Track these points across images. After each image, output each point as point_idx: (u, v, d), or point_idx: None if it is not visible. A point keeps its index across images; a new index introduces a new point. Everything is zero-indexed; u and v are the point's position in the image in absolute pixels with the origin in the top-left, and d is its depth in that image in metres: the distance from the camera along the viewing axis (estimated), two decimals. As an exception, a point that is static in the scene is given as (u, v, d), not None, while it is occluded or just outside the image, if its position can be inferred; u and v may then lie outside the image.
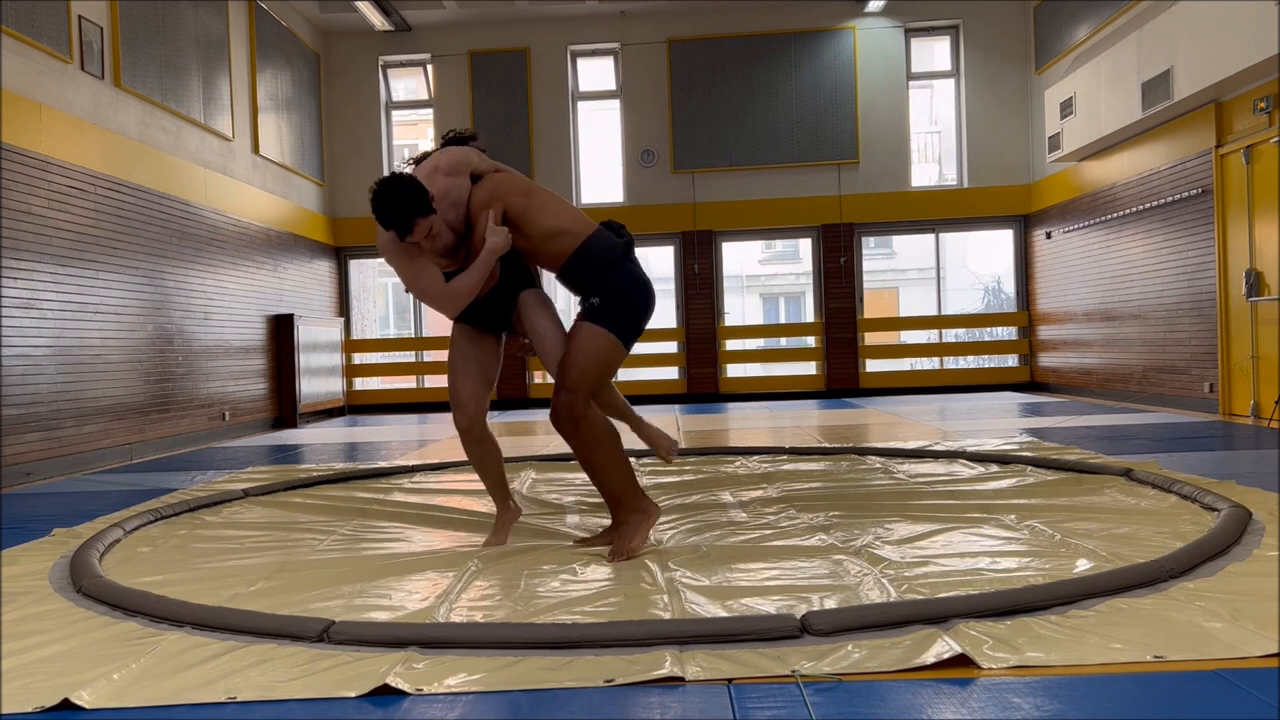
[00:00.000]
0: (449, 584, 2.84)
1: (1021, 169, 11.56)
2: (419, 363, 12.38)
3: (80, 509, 4.57)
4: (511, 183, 3.27)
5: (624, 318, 3.18)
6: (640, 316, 3.24)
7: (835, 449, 5.79)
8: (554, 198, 3.32)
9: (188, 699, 1.97)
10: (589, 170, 12.17)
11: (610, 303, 3.17)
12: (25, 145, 6.14)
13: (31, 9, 6.27)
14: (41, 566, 3.26)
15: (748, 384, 12.04)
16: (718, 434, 7.63)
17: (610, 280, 3.19)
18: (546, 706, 1.88)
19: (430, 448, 7.23)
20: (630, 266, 3.24)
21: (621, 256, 3.22)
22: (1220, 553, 2.82)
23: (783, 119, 11.64)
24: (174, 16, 8.16)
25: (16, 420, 5.98)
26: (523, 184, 3.29)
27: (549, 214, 3.22)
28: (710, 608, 2.50)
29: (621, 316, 3.17)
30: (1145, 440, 5.98)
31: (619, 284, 3.19)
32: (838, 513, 3.75)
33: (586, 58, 12.10)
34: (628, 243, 3.28)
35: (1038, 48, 11.11)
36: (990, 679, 1.94)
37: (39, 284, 6.24)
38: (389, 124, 12.25)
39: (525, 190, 3.25)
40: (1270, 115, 6.86)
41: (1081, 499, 3.90)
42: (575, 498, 4.39)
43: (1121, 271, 9.24)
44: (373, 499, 4.59)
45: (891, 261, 17.03)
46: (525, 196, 3.23)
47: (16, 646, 2.34)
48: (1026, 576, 2.69)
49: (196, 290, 8.33)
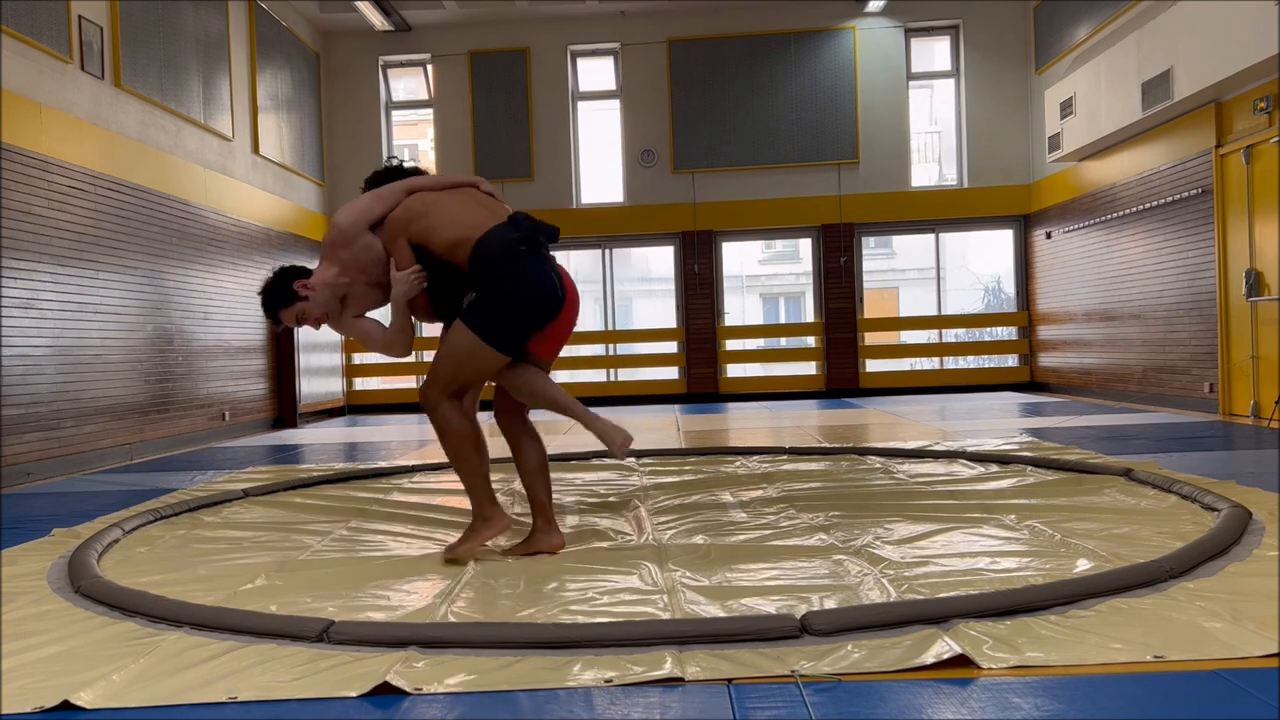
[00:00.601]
0: (449, 584, 2.84)
1: (1021, 169, 11.56)
2: (419, 363, 12.38)
3: (80, 509, 4.57)
4: (406, 212, 3.23)
5: (491, 320, 3.09)
6: (520, 315, 3.10)
7: (835, 449, 5.79)
8: (454, 205, 3.24)
9: (188, 699, 1.96)
10: (589, 170, 12.17)
11: (480, 302, 3.12)
12: (25, 145, 6.14)
13: (31, 9, 6.27)
14: (40, 566, 3.26)
15: (748, 384, 12.04)
16: (718, 434, 7.63)
17: (491, 279, 3.10)
18: (546, 706, 1.88)
19: (430, 448, 7.23)
20: (519, 263, 3.09)
21: (506, 254, 3.09)
22: (1220, 553, 2.82)
23: (783, 119, 11.64)
24: (174, 16, 8.16)
25: (16, 420, 5.98)
26: (419, 205, 3.23)
27: (445, 227, 3.17)
28: (710, 608, 2.50)
29: (487, 319, 3.09)
30: (1145, 440, 5.98)
31: (497, 284, 3.09)
32: (838, 513, 3.74)
33: (586, 58, 12.10)
34: (527, 236, 3.13)
35: (1038, 48, 11.11)
36: (990, 679, 1.94)
37: (39, 284, 6.23)
38: (389, 124, 12.25)
39: (422, 211, 3.21)
40: (1270, 115, 6.86)
41: (1081, 499, 3.90)
42: (575, 498, 4.38)
43: (1121, 271, 9.24)
44: (372, 499, 4.59)
45: (891, 261, 17.02)
46: (423, 218, 3.19)
47: (16, 647, 2.34)
48: (1026, 576, 2.69)
49: (196, 290, 8.33)
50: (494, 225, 3.15)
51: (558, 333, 3.26)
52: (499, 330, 3.10)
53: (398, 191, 3.31)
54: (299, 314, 3.32)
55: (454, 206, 3.24)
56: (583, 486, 4.75)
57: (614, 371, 12.19)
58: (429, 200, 3.27)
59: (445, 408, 3.20)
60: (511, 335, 3.12)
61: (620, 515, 3.90)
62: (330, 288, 3.30)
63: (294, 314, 3.32)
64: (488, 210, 3.25)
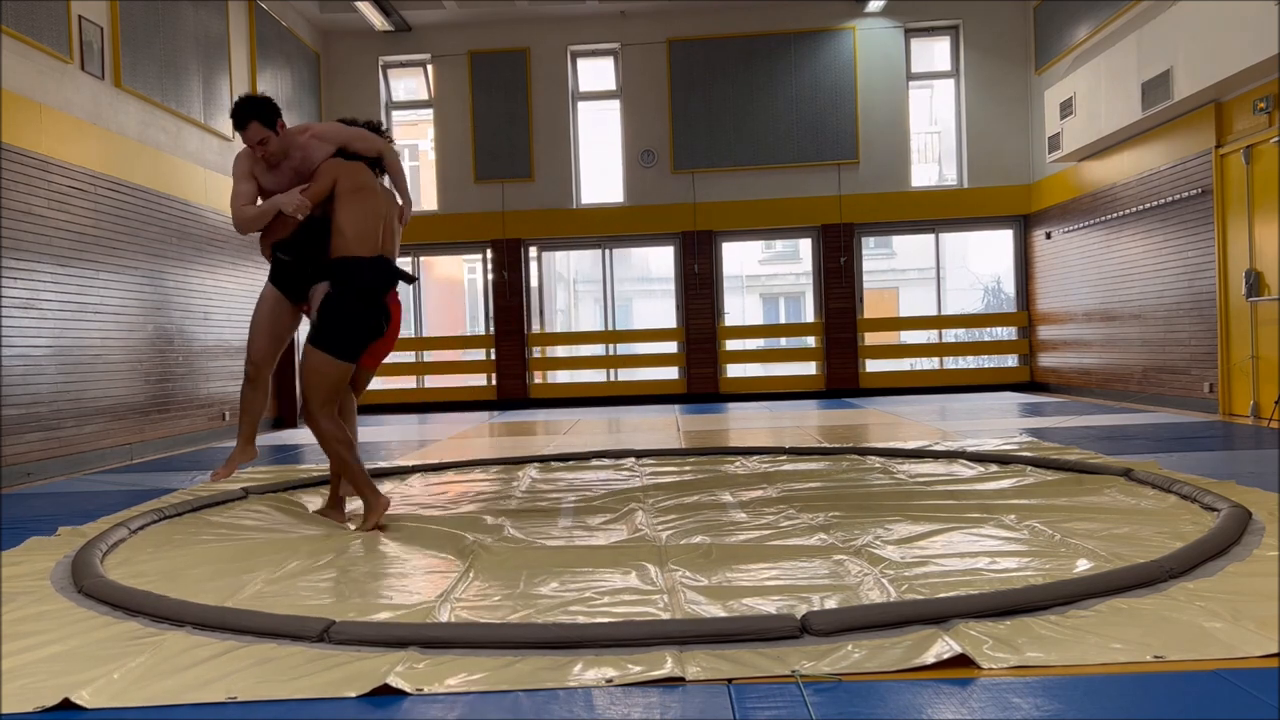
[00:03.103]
0: (449, 584, 2.84)
1: (1021, 169, 11.56)
2: (419, 363, 12.38)
3: (80, 509, 4.57)
4: (356, 174, 3.85)
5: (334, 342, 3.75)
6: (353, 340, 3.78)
7: (835, 449, 5.79)
8: (371, 213, 3.81)
9: (188, 699, 1.97)
10: (589, 170, 12.17)
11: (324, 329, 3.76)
12: (25, 145, 6.14)
13: (31, 9, 6.28)
14: (42, 566, 3.26)
15: (748, 384, 12.04)
16: (718, 434, 7.63)
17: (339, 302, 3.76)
18: (546, 706, 1.88)
19: (430, 448, 7.23)
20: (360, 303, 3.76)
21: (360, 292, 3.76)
22: (1220, 553, 2.82)
23: (783, 119, 11.64)
24: (174, 16, 8.16)
25: (16, 420, 5.98)
26: (366, 182, 3.86)
27: (351, 217, 3.77)
28: (710, 608, 2.50)
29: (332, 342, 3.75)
30: (1145, 440, 5.98)
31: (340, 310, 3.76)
32: (838, 513, 3.75)
33: (586, 58, 12.10)
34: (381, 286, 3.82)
35: (1038, 48, 11.11)
36: (990, 679, 1.94)
37: (39, 284, 6.24)
38: (389, 124, 12.23)
39: (359, 187, 3.82)
40: (1270, 115, 6.86)
41: (1081, 499, 3.90)
42: (574, 497, 4.39)
43: (1121, 271, 9.24)
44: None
45: (891, 261, 17.02)
46: (354, 192, 3.80)
47: (17, 646, 2.34)
48: (1026, 576, 2.69)
49: (196, 290, 8.33)
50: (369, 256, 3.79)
51: (378, 352, 4.07)
52: (341, 348, 3.78)
53: (373, 150, 3.96)
54: (265, 138, 3.78)
55: (369, 212, 3.81)
56: (583, 486, 4.76)
57: (614, 371, 12.19)
58: (375, 187, 3.90)
59: (326, 421, 3.80)
60: (349, 351, 3.81)
61: (620, 515, 3.90)
62: (289, 146, 3.87)
63: (261, 135, 3.77)
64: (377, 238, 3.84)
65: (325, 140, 3.91)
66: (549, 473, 5.33)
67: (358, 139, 3.96)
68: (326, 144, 3.90)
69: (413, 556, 3.29)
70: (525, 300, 11.90)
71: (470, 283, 16.59)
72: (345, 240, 3.76)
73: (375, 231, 3.82)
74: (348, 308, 3.77)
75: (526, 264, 12.00)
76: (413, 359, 12.47)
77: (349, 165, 3.87)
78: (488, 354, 11.93)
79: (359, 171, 3.88)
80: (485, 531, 3.61)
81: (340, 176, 3.81)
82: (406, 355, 12.44)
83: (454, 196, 11.89)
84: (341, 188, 3.80)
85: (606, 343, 12.23)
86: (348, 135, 3.96)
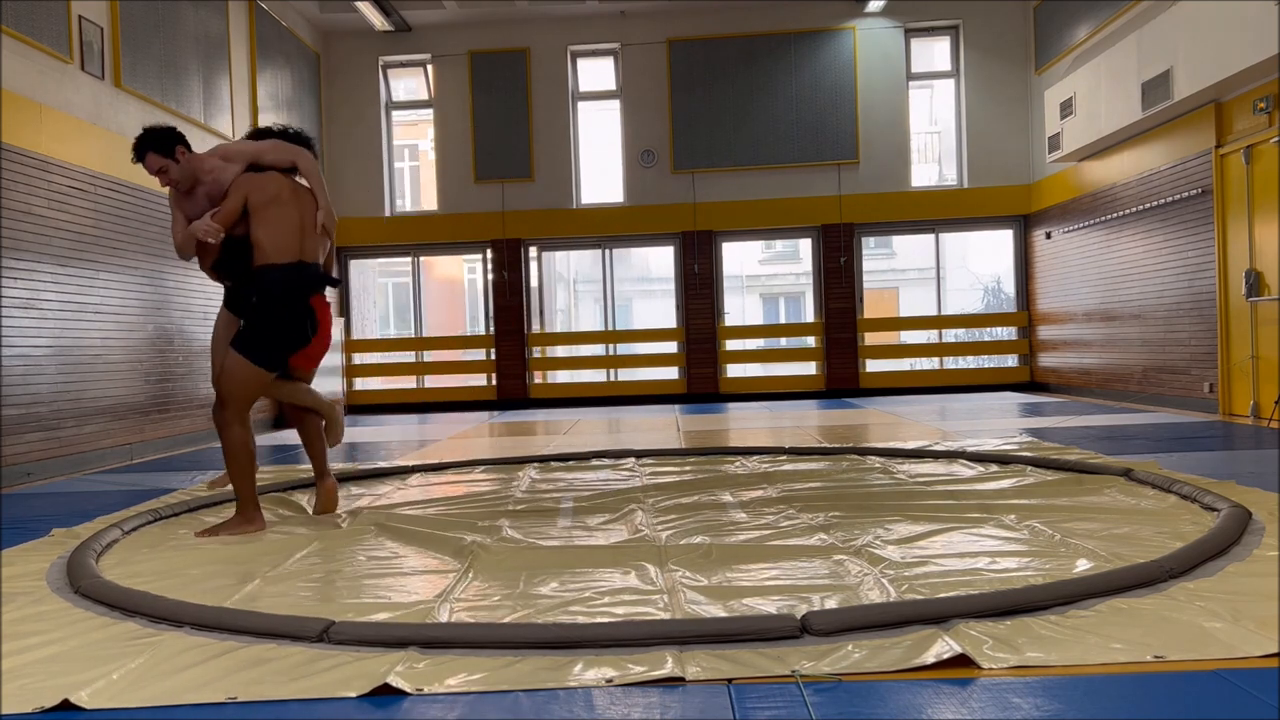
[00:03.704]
0: (448, 584, 2.84)
1: (1021, 169, 11.56)
2: (419, 363, 12.38)
3: (80, 509, 4.57)
4: (265, 188, 3.87)
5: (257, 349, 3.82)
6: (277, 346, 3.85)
7: (835, 449, 5.79)
8: (286, 222, 3.86)
9: (188, 699, 1.97)
10: (589, 170, 12.17)
11: (248, 334, 3.83)
12: (25, 145, 6.14)
13: (31, 9, 6.27)
14: (40, 567, 3.26)
15: (748, 384, 12.04)
16: (718, 434, 7.63)
17: (265, 309, 3.82)
18: (546, 706, 1.88)
19: (430, 448, 7.23)
20: (285, 310, 3.83)
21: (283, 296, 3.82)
22: (1220, 553, 2.82)
23: (783, 119, 11.64)
24: (174, 16, 8.16)
25: (16, 420, 5.98)
26: (276, 192, 3.88)
27: (266, 227, 3.84)
28: (710, 608, 2.50)
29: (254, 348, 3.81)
30: (1145, 440, 5.98)
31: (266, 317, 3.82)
32: (838, 513, 3.75)
33: (586, 58, 12.10)
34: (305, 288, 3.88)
35: (1038, 48, 11.11)
36: (990, 679, 1.94)
37: (39, 284, 6.23)
38: (389, 124, 12.24)
39: (269, 200, 3.86)
40: (1270, 115, 6.85)
41: (1081, 499, 3.90)
42: (574, 497, 4.38)
43: (1121, 271, 9.24)
44: (372, 499, 4.59)
45: (891, 261, 17.02)
46: (265, 206, 3.85)
47: (15, 647, 2.34)
48: (1026, 576, 2.69)
49: (196, 290, 8.33)
50: (290, 261, 3.86)
51: (311, 354, 4.07)
52: (263, 356, 3.84)
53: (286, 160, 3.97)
54: (163, 167, 3.85)
55: (284, 220, 3.87)
56: (583, 486, 4.76)
57: (614, 371, 12.19)
58: (287, 196, 3.91)
59: (237, 428, 3.87)
60: (272, 358, 3.87)
61: (620, 515, 3.90)
62: (196, 171, 3.90)
63: (160, 164, 3.85)
64: (299, 245, 3.91)
65: (232, 160, 3.94)
66: (549, 473, 5.33)
67: (269, 152, 3.97)
68: (234, 164, 3.93)
69: (412, 556, 3.29)
70: (525, 300, 11.90)
71: (470, 283, 16.60)
72: (264, 252, 3.84)
73: (292, 240, 3.89)
74: (268, 316, 3.83)
75: (526, 264, 12.00)
76: (413, 359, 12.48)
77: (257, 179, 3.90)
78: (488, 354, 11.93)
79: (268, 183, 3.90)
80: (485, 532, 3.61)
81: (250, 193, 3.86)
82: (406, 355, 12.44)
83: (454, 196, 11.89)
84: (253, 203, 3.85)
85: (606, 343, 12.23)
86: (256, 150, 3.97)
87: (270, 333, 3.84)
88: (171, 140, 3.86)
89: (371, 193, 11.93)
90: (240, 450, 3.86)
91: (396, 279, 15.22)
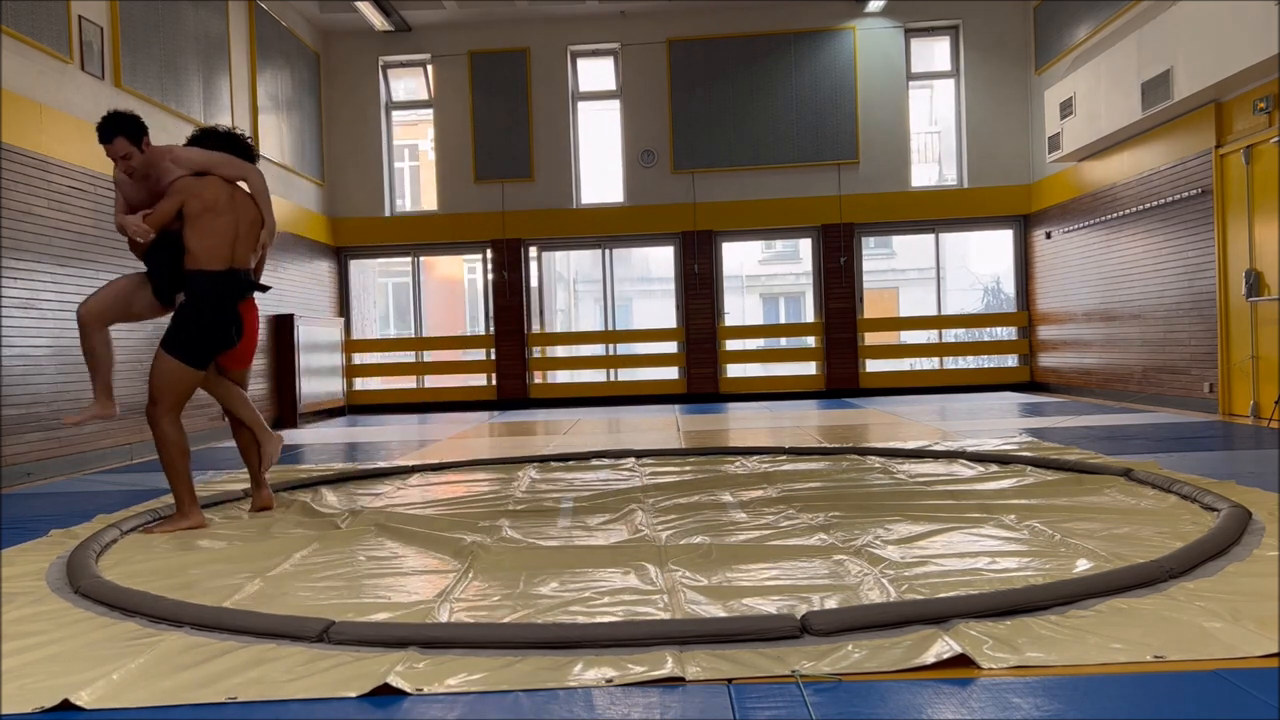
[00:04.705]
0: (448, 584, 2.84)
1: (1021, 169, 11.56)
2: (419, 363, 12.38)
3: (80, 509, 4.57)
4: (203, 194, 3.96)
5: (184, 347, 3.97)
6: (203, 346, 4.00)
7: (835, 449, 5.79)
8: (220, 230, 3.98)
9: (188, 699, 1.96)
10: (589, 170, 12.17)
11: (176, 334, 3.98)
12: (25, 145, 6.14)
13: (31, 9, 6.27)
14: (39, 567, 3.26)
15: (748, 384, 12.03)
16: (718, 434, 7.63)
17: (193, 311, 3.96)
18: (546, 706, 1.88)
19: (430, 448, 7.23)
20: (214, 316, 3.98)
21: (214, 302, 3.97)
22: (1220, 553, 2.82)
23: (783, 119, 11.64)
24: (174, 16, 8.16)
25: (16, 420, 5.98)
26: (213, 201, 3.97)
27: (200, 234, 3.95)
28: (710, 608, 2.50)
29: (181, 347, 3.97)
30: (1145, 440, 5.98)
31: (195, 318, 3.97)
32: (838, 513, 3.75)
33: (586, 58, 12.10)
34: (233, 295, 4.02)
35: (1038, 48, 11.11)
36: (990, 679, 1.94)
37: (39, 284, 6.23)
38: (389, 124, 12.24)
39: (206, 208, 3.96)
40: (1270, 115, 6.85)
41: (1081, 499, 3.90)
42: (574, 497, 4.38)
43: (1121, 271, 9.24)
44: (372, 499, 4.59)
45: (891, 261, 17.02)
46: (201, 214, 3.95)
47: (15, 647, 2.34)
48: (1026, 576, 2.69)
49: (196, 290, 8.32)
50: (221, 269, 3.99)
51: (238, 355, 4.25)
52: (189, 354, 4.00)
53: (236, 176, 4.08)
54: (129, 153, 3.94)
55: (224, 228, 3.99)
56: (583, 486, 4.76)
57: (614, 371, 12.19)
58: (224, 205, 4.00)
59: (167, 423, 3.99)
60: (199, 358, 4.03)
61: (620, 515, 3.90)
62: (152, 166, 3.99)
63: (126, 149, 3.93)
64: (231, 252, 4.03)
65: (181, 165, 4.02)
66: (549, 473, 5.33)
67: (221, 165, 4.07)
68: (180, 168, 4.01)
69: (412, 556, 3.29)
70: (525, 300, 11.90)
71: (470, 283, 16.59)
72: (195, 258, 3.96)
73: (224, 248, 4.01)
74: (196, 318, 3.98)
75: (526, 264, 12.00)
76: (413, 359, 12.48)
77: (196, 186, 3.97)
78: (488, 354, 11.93)
79: (205, 191, 3.98)
80: (485, 532, 3.61)
81: (188, 199, 3.95)
82: (407, 355, 12.44)
83: (454, 196, 11.89)
84: (189, 210, 3.95)
85: (606, 343, 12.23)
86: (209, 161, 4.05)
87: (198, 335, 3.99)
88: (141, 129, 3.97)
89: (371, 193, 11.93)
90: (171, 446, 3.97)
91: (396, 279, 15.22)
